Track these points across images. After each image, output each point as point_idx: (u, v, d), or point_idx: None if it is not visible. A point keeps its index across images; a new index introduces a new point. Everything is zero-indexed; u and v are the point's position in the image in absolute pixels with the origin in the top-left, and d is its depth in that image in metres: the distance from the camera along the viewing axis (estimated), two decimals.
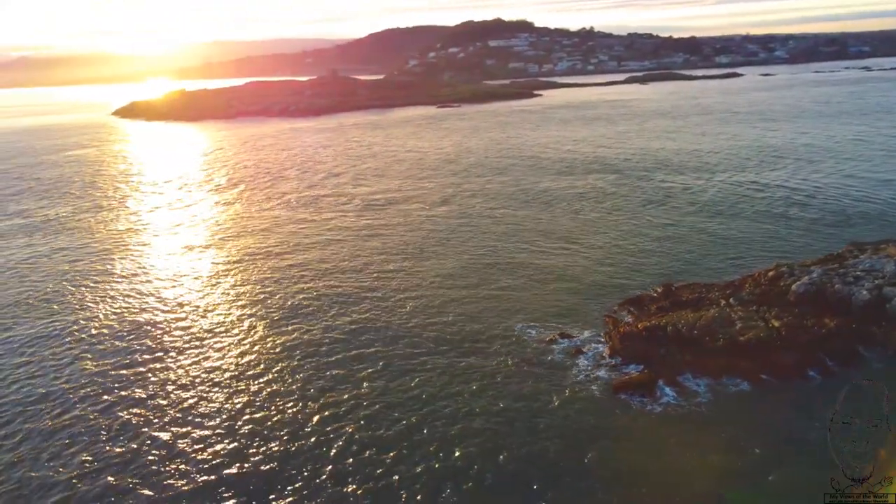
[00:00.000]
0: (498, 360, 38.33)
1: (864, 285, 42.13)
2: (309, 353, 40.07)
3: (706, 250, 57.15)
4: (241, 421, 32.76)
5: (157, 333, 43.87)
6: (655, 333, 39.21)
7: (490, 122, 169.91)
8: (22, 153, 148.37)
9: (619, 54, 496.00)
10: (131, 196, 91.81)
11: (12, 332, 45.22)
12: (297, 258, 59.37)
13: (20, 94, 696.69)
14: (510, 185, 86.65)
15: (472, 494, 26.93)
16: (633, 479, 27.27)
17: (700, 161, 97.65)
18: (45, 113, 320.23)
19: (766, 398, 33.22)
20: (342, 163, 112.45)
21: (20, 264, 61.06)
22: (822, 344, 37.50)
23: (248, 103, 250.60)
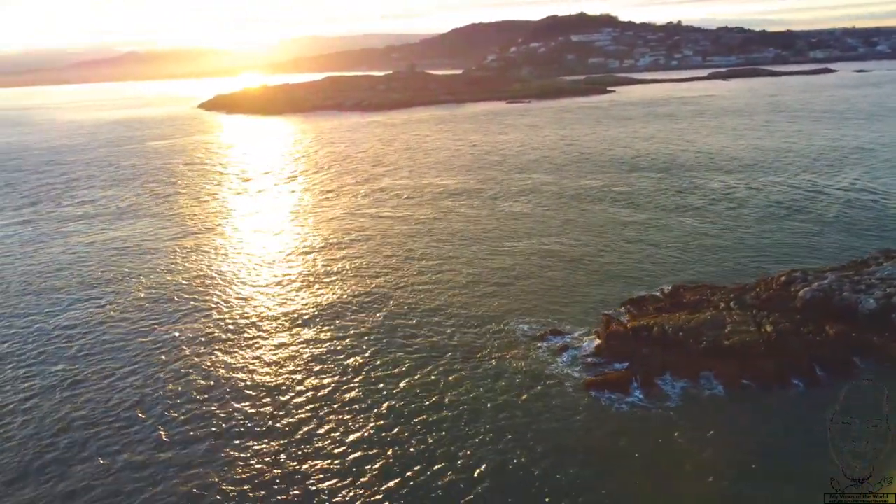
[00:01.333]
0: (482, 353, 39.19)
1: (873, 293, 40.59)
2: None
3: (733, 252, 55.80)
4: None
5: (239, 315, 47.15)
6: (641, 334, 39.17)
7: (552, 118, 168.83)
8: (108, 143, 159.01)
9: (704, 49, 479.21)
10: (200, 184, 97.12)
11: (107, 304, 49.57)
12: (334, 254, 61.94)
13: (125, 87, 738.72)
14: (549, 182, 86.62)
15: (402, 481, 28.11)
16: (567, 479, 27.76)
17: (751, 161, 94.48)
18: (140, 105, 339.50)
19: (737, 404, 32.74)
20: (390, 157, 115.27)
21: (98, 247, 66.29)
22: (813, 351, 36.57)
23: (324, 98, 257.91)
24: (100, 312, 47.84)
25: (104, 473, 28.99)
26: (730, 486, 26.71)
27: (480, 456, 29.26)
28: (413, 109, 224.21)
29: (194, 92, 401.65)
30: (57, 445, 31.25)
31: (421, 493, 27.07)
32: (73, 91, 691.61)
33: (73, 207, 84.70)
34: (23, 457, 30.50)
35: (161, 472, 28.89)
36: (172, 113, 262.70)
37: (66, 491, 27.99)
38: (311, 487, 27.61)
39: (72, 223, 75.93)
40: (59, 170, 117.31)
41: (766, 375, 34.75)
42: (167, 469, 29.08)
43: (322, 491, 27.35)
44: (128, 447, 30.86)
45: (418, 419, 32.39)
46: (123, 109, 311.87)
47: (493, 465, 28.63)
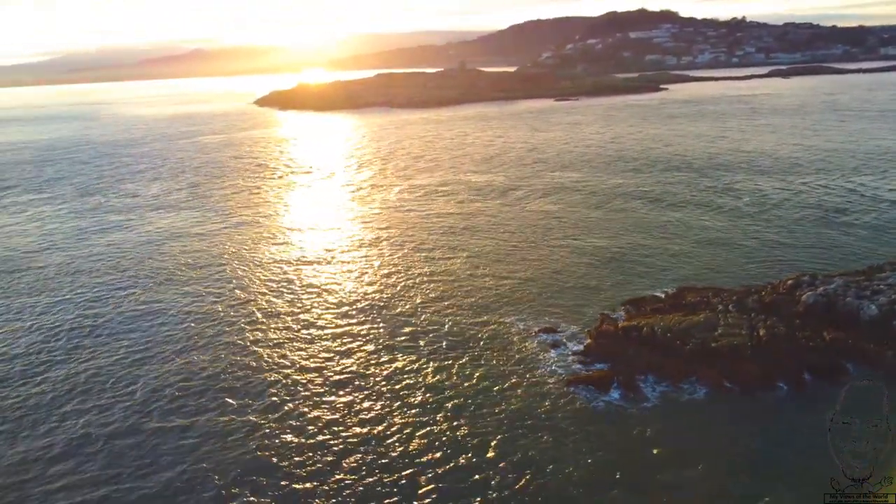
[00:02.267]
0: (475, 346, 39.82)
1: (878, 300, 39.54)
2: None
3: (754, 255, 54.65)
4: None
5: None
6: (630, 334, 39.16)
7: (597, 116, 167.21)
8: (162, 138, 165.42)
9: (767, 45, 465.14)
10: (240, 178, 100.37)
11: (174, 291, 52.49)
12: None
13: (189, 83, 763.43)
14: (579, 181, 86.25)
15: (356, 463, 29.06)
16: (525, 473, 28.24)
17: (791, 162, 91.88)
18: (199, 101, 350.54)
19: (715, 408, 32.47)
20: (429, 154, 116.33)
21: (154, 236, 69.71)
22: (803, 356, 35.93)
23: (374, 95, 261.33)
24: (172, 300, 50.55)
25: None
26: (682, 488, 26.73)
27: (440, 440, 29.97)
28: (461, 107, 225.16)
29: (253, 88, 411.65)
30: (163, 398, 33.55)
31: (380, 472, 28.01)
32: (141, 87, 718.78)
33: (118, 199, 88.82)
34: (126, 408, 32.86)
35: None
36: (228, 109, 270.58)
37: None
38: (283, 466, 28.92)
39: (113, 214, 79.72)
40: (110, 162, 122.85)
41: (750, 379, 34.34)
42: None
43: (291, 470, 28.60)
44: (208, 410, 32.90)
45: (397, 404, 33.28)
46: (183, 105, 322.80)
47: (452, 450, 29.30)
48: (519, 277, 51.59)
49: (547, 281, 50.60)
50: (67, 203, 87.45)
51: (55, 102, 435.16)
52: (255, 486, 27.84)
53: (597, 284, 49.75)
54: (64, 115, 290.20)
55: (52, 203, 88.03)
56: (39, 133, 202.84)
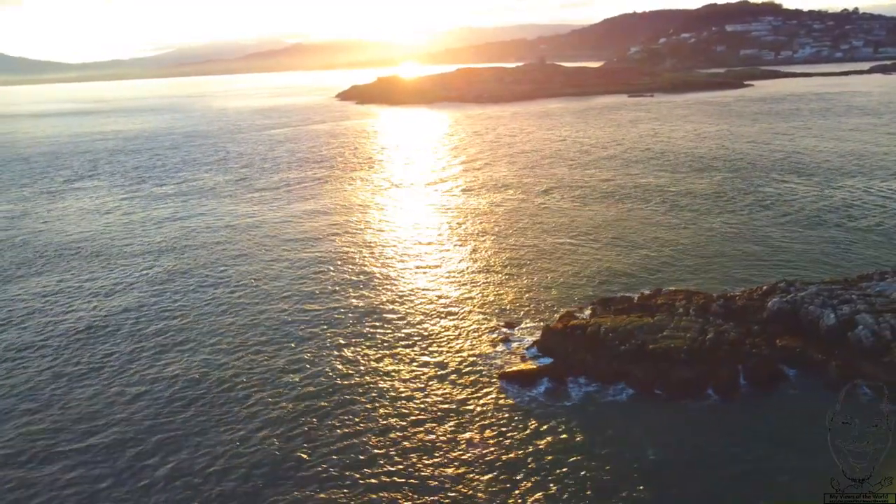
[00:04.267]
0: (430, 340, 40.91)
1: (841, 309, 37.92)
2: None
3: (755, 259, 53.04)
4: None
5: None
6: (574, 332, 39.23)
7: (661, 114, 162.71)
8: (238, 129, 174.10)
9: (878, 39, 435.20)
10: (285, 170, 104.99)
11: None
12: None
13: (284, 77, 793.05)
14: (606, 180, 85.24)
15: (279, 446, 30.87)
16: (412, 455, 29.30)
17: (834, 164, 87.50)
18: (287, 95, 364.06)
19: (635, 410, 32.31)
20: (472, 149, 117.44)
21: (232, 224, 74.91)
22: (745, 362, 35.08)
23: (450, 89, 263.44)
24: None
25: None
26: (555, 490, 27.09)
27: (352, 420, 31.42)
28: (530, 102, 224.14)
29: (340, 82, 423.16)
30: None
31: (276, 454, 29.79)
32: (242, 81, 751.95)
33: (164, 187, 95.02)
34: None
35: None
36: (310, 103, 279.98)
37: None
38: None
39: (160, 200, 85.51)
40: (177, 154, 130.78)
41: (680, 383, 33.97)
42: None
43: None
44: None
45: (329, 386, 35.04)
46: (270, 98, 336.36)
47: (354, 430, 30.71)
48: (500, 273, 52.23)
49: (531, 277, 51.01)
50: (111, 189, 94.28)
51: (159, 95, 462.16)
52: None
53: (577, 282, 49.81)
54: (160, 107, 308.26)
55: (102, 190, 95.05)
56: (133, 123, 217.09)
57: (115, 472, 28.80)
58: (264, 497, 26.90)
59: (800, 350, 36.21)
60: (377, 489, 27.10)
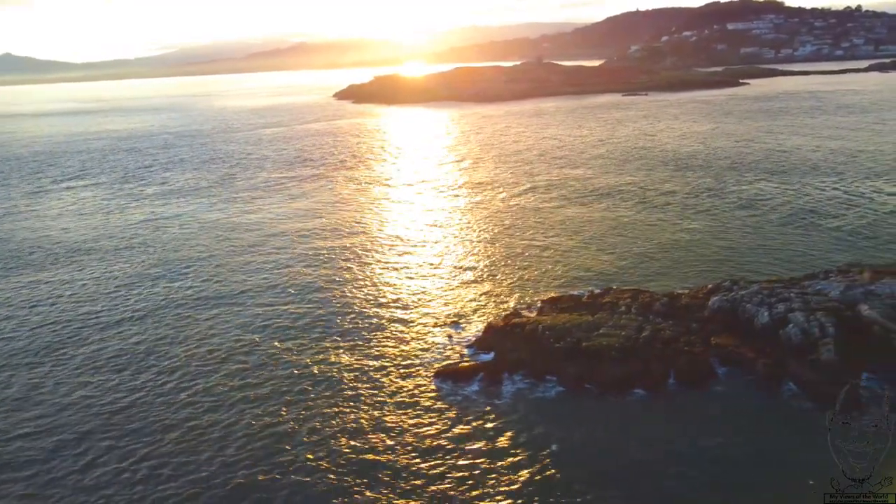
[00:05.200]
0: (375, 335, 41.57)
1: (776, 308, 38.41)
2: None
3: (716, 258, 53.41)
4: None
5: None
6: (514, 330, 39.85)
7: (650, 113, 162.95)
8: (230, 129, 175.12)
9: (879, 37, 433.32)
10: (262, 170, 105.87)
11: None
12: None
13: (286, 76, 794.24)
14: (582, 178, 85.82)
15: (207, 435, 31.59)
16: (337, 450, 29.97)
17: (811, 163, 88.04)
18: (285, 94, 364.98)
19: (561, 407, 32.81)
20: (458, 149, 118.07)
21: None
22: (676, 359, 35.62)
23: (447, 88, 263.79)
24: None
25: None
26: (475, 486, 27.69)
27: (276, 412, 32.12)
28: (525, 101, 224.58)
29: (340, 81, 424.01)
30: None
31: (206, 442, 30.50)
32: (244, 80, 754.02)
33: (145, 188, 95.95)
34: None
35: None
36: (307, 102, 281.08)
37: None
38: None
39: (139, 200, 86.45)
40: (165, 154, 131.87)
41: (609, 380, 34.55)
42: None
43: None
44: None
45: (267, 381, 35.74)
46: (269, 98, 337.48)
47: (278, 421, 31.41)
48: (463, 271, 52.85)
49: (493, 275, 51.58)
50: (94, 189, 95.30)
51: (161, 94, 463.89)
52: None
53: (534, 281, 50.25)
54: (160, 107, 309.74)
55: (86, 190, 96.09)
56: (130, 123, 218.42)
57: (56, 478, 29.55)
58: (177, 479, 27.62)
59: (732, 348, 36.76)
60: (293, 485, 27.73)
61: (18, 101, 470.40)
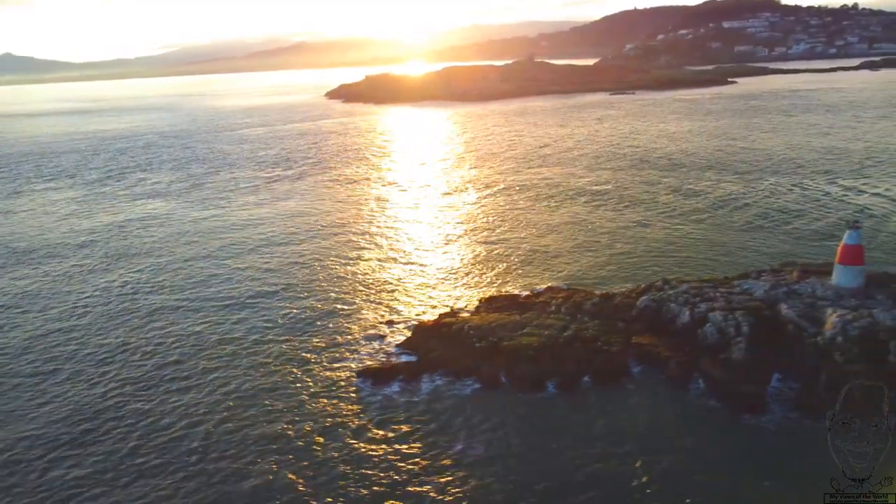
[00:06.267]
0: (301, 341, 41.95)
1: (699, 307, 38.82)
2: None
3: (660, 257, 53.84)
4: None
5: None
6: (441, 330, 40.29)
7: (632, 112, 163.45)
8: (215, 129, 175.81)
9: (873, 35, 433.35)
10: (238, 171, 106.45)
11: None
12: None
13: (283, 76, 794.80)
14: (547, 177, 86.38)
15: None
16: (249, 448, 30.43)
17: (778, 162, 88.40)
18: (280, 93, 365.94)
19: (474, 405, 33.18)
20: (437, 148, 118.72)
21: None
22: (590, 360, 36.05)
23: (436, 88, 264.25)
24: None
25: None
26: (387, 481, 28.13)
27: (204, 407, 32.59)
28: (513, 100, 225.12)
29: (338, 80, 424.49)
30: None
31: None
32: (242, 79, 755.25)
33: (117, 188, 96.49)
34: None
35: None
36: (298, 101, 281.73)
37: None
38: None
39: (108, 200, 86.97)
40: (145, 154, 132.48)
41: (524, 379, 34.98)
42: None
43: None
44: None
45: (199, 376, 36.24)
46: (261, 97, 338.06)
47: (202, 419, 31.88)
48: (410, 269, 53.36)
49: (440, 276, 52.01)
50: (72, 189, 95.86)
51: (157, 94, 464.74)
52: None
53: (479, 280, 50.72)
54: (153, 106, 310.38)
55: (59, 191, 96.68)
56: (119, 123, 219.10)
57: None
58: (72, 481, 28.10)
59: (650, 347, 37.17)
60: (203, 481, 28.18)
61: (17, 101, 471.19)
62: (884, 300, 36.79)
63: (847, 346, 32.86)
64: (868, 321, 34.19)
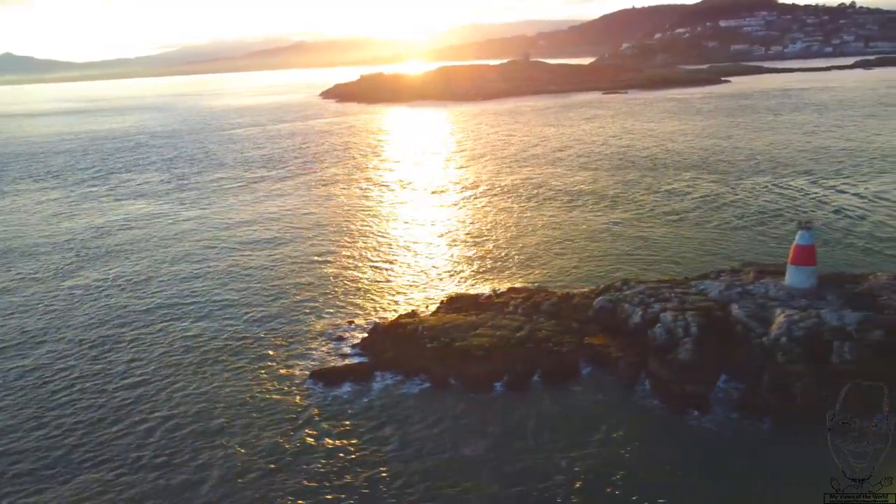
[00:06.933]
0: (260, 342, 42.12)
1: (652, 308, 38.95)
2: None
3: (628, 257, 54.24)
4: None
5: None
6: (396, 331, 40.46)
7: (620, 111, 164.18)
8: (205, 129, 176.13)
9: (869, 34, 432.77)
10: (218, 170, 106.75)
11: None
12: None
13: (281, 75, 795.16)
14: (522, 179, 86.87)
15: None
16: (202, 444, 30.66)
17: (755, 162, 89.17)
18: (275, 93, 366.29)
19: (421, 403, 33.45)
20: (424, 147, 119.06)
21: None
22: (539, 359, 36.23)
23: (431, 88, 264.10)
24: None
25: None
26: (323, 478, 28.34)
27: (158, 398, 32.85)
28: (505, 100, 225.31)
29: (333, 80, 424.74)
30: None
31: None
32: (240, 78, 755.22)
33: (99, 188, 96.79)
34: None
35: None
36: (293, 101, 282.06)
37: None
38: None
39: (89, 200, 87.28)
40: (132, 154, 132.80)
41: (472, 378, 35.18)
42: None
43: None
44: None
45: (165, 367, 36.47)
46: (257, 97, 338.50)
47: (154, 411, 32.12)
48: (374, 269, 53.63)
49: (406, 277, 52.33)
50: (56, 190, 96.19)
51: (155, 94, 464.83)
52: None
53: (443, 280, 50.99)
54: (148, 106, 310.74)
55: (43, 192, 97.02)
56: (113, 123, 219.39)
57: None
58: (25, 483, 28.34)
59: (602, 348, 37.34)
60: (139, 477, 28.40)
61: (16, 101, 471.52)
62: (834, 300, 36.96)
63: (790, 346, 33.02)
64: (814, 321, 34.37)
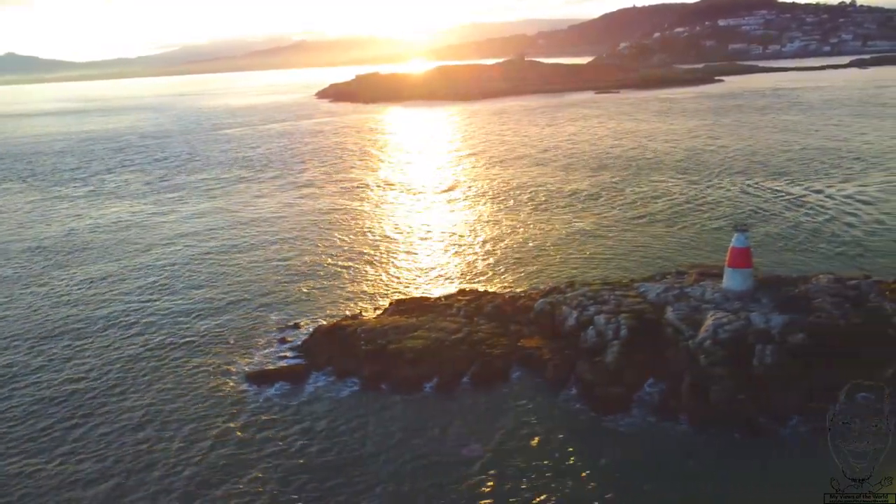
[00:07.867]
0: (202, 343, 42.42)
1: (588, 310, 39.19)
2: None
3: (592, 258, 54.46)
4: None
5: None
6: (335, 333, 40.73)
7: (610, 111, 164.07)
8: (196, 129, 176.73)
9: (868, 32, 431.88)
10: (203, 171, 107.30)
11: None
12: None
13: (280, 75, 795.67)
14: (505, 181, 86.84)
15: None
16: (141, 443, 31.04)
17: (731, 162, 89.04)
18: (272, 93, 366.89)
19: (348, 405, 33.61)
20: (408, 148, 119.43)
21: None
22: (470, 362, 36.54)
23: (425, 87, 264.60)
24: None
25: None
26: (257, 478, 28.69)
27: (96, 399, 33.22)
28: (500, 100, 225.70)
29: (332, 79, 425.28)
30: None
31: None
32: (240, 78, 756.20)
33: (79, 188, 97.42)
34: None
35: None
36: (288, 100, 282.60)
37: None
38: None
39: (65, 201, 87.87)
40: (118, 155, 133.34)
41: (402, 380, 35.50)
42: None
43: None
44: None
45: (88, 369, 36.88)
46: (252, 97, 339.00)
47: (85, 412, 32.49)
48: (327, 271, 53.94)
49: (360, 279, 52.50)
50: (35, 192, 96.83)
51: (153, 93, 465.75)
52: None
53: (396, 283, 51.26)
54: (144, 106, 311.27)
55: (25, 192, 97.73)
56: (106, 123, 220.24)
57: None
58: None
59: (535, 350, 37.60)
60: (61, 481, 28.78)
61: (17, 101, 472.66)
62: (767, 303, 37.18)
63: (714, 349, 33.22)
64: (741, 324, 34.59)
